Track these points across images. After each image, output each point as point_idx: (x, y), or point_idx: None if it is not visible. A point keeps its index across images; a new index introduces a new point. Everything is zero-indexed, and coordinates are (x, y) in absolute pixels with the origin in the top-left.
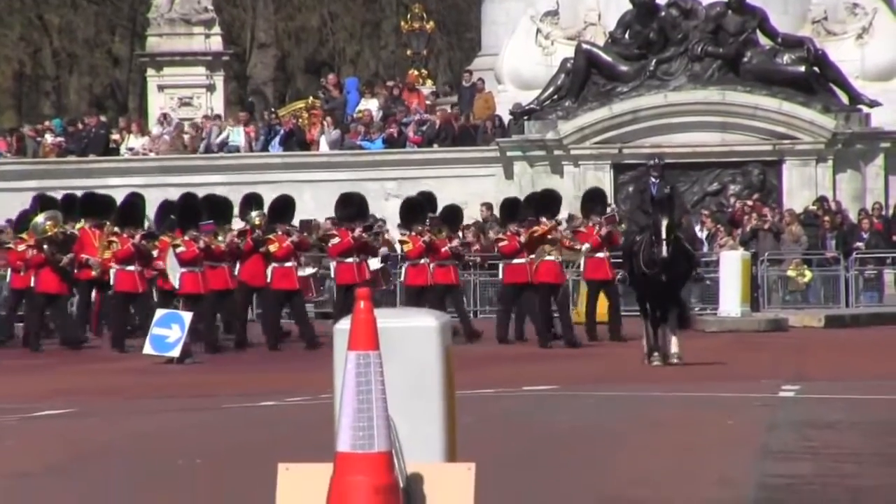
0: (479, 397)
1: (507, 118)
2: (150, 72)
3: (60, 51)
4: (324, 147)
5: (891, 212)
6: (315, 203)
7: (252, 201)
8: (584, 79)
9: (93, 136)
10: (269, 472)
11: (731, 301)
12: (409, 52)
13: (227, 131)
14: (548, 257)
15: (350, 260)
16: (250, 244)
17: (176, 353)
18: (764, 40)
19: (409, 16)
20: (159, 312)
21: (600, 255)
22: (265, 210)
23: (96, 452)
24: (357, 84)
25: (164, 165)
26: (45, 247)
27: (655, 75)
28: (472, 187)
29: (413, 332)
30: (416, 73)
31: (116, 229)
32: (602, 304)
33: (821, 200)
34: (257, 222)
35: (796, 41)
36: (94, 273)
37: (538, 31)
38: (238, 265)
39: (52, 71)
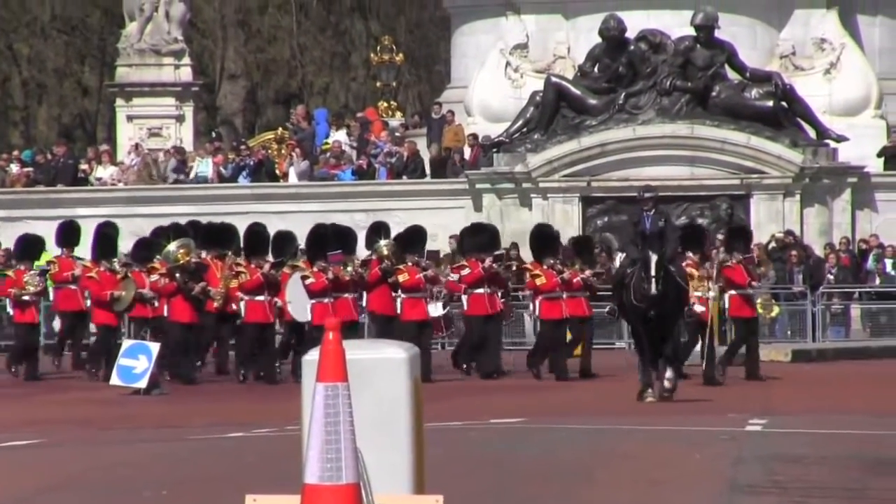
0: (448, 429)
1: (468, 151)
2: (120, 102)
3: (30, 81)
4: (293, 178)
5: (857, 247)
6: None
7: (380, 230)
8: (553, 112)
9: (61, 166)
10: (236, 503)
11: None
12: (378, 84)
13: (194, 161)
14: (695, 293)
15: (480, 291)
16: (377, 274)
17: (143, 384)
18: (732, 75)
19: (378, 48)
20: (126, 343)
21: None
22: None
23: (63, 483)
24: (326, 115)
25: (132, 196)
26: (177, 275)
27: (624, 109)
28: (441, 219)
29: (382, 364)
30: (385, 104)
31: (240, 259)
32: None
33: (787, 234)
34: (385, 252)
35: (764, 76)
36: (216, 305)
37: (508, 63)
38: (365, 296)
39: (21, 101)
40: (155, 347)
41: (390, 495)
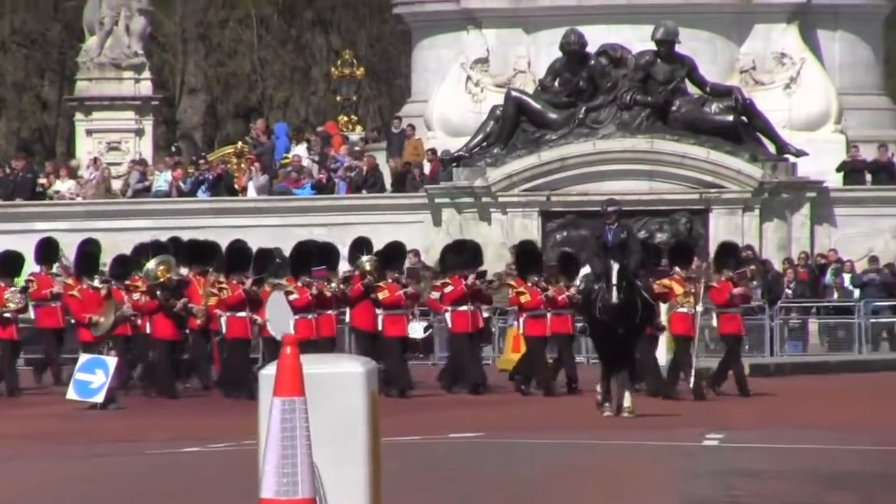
0: (405, 444)
1: (427, 165)
2: (79, 116)
3: None
4: (252, 193)
5: (816, 261)
6: None
7: (362, 246)
8: (513, 126)
9: (20, 180)
10: None
11: (658, 350)
12: (338, 98)
13: (153, 176)
14: (680, 309)
15: (464, 308)
16: (359, 290)
17: (100, 398)
18: (692, 89)
19: (339, 62)
20: (83, 357)
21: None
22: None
23: (21, 498)
24: (287, 129)
25: (90, 210)
26: (158, 293)
27: (584, 123)
28: (400, 234)
29: (339, 378)
30: (345, 118)
31: (221, 277)
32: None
33: (746, 249)
34: (368, 268)
35: (725, 90)
36: (199, 321)
37: (468, 78)
38: (348, 312)
39: None
40: (112, 362)
41: None
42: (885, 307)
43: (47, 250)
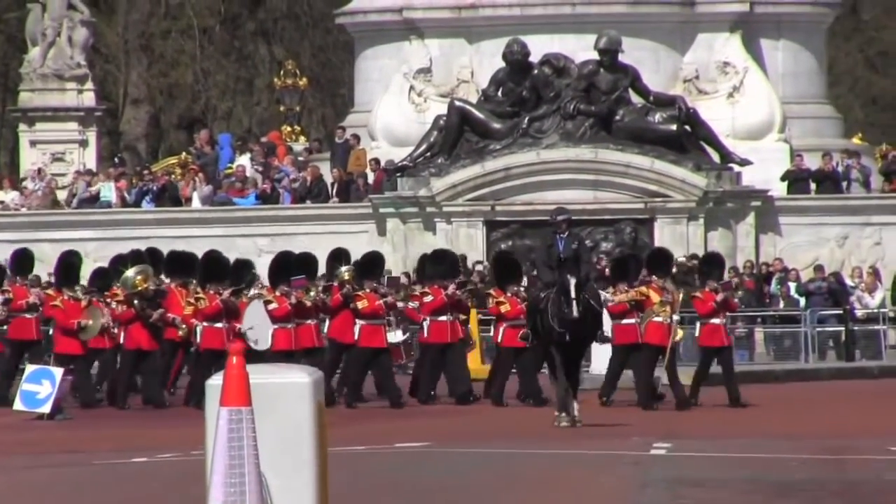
0: (352, 454)
1: (371, 175)
2: (23, 127)
3: None
4: (196, 203)
5: (761, 270)
6: None
7: (341, 257)
8: (456, 136)
9: None
10: None
11: (603, 359)
12: (282, 109)
13: (97, 186)
14: (656, 318)
15: (444, 318)
16: (338, 300)
17: (46, 409)
18: (636, 98)
19: (282, 72)
20: (30, 368)
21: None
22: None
23: None
24: (230, 140)
25: (35, 221)
26: (135, 302)
27: (528, 133)
28: (345, 244)
29: (286, 389)
30: (288, 128)
31: (199, 288)
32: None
33: (691, 258)
34: (347, 277)
35: (668, 100)
36: (180, 333)
37: (411, 88)
38: (327, 322)
39: None
40: (58, 372)
41: None
42: (830, 316)
43: (23, 261)
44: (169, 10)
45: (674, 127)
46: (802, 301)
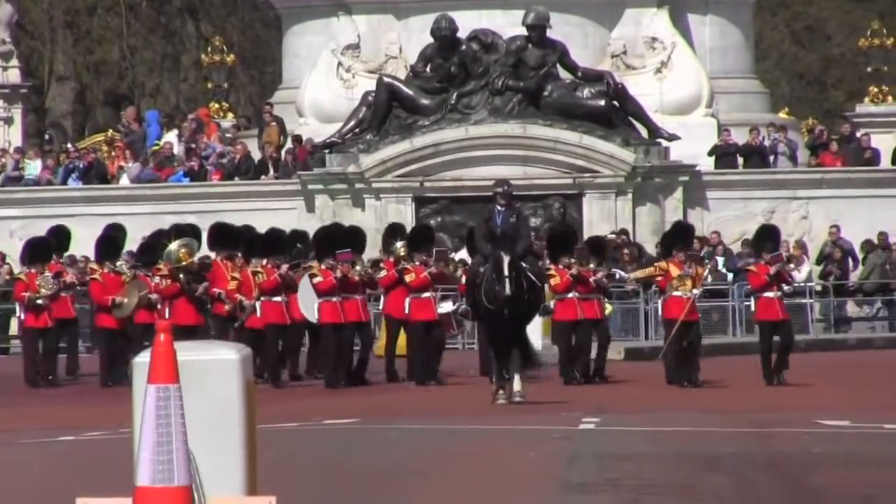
0: (281, 431)
1: (285, 154)
2: None
3: None
4: (124, 181)
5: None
6: None
7: (396, 232)
8: (385, 112)
9: None
10: None
11: (532, 333)
12: (209, 85)
13: (23, 164)
14: (675, 293)
15: (427, 294)
16: (394, 276)
17: None
18: (564, 74)
19: (209, 49)
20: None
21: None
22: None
23: None
24: (158, 116)
25: None
26: (180, 276)
27: (457, 109)
28: (274, 220)
29: (214, 365)
30: (216, 105)
31: (259, 260)
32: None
33: (620, 233)
34: (402, 253)
35: (596, 75)
36: (227, 308)
37: (339, 64)
38: (381, 299)
39: None
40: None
41: (223, 497)
42: None
43: (36, 250)
44: None
45: (602, 102)
46: (730, 276)
